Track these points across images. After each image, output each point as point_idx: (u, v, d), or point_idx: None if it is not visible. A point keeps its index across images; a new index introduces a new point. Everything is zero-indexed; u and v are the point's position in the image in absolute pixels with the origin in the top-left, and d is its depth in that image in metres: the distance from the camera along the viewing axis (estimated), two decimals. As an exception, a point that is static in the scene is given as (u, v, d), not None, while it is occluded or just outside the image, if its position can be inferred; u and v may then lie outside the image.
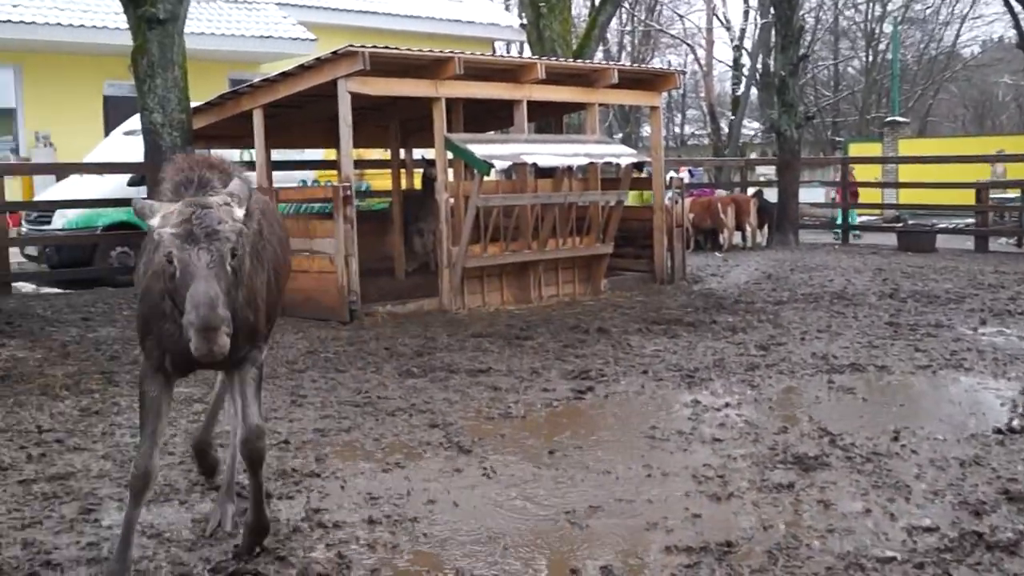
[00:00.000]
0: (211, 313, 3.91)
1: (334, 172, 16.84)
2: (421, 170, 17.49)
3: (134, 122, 17.16)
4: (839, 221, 25.37)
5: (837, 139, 44.46)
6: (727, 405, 8.20)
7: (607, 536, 5.38)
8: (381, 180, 20.20)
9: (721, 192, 25.54)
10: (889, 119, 36.82)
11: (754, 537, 5.24)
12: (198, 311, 3.90)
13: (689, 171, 29.72)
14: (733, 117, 42.19)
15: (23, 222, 19.05)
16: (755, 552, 5.02)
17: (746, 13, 47.62)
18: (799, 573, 4.71)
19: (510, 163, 13.58)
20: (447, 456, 6.81)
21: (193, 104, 14.49)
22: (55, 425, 7.63)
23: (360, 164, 18.03)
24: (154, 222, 4.26)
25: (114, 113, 23.69)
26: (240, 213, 4.34)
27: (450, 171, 14.06)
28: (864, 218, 27.89)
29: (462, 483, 6.29)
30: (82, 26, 23.48)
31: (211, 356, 3.96)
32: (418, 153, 18.98)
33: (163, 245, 4.15)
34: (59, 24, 23.22)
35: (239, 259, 4.32)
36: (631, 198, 17.08)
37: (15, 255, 17.16)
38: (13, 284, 15.94)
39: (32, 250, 18.31)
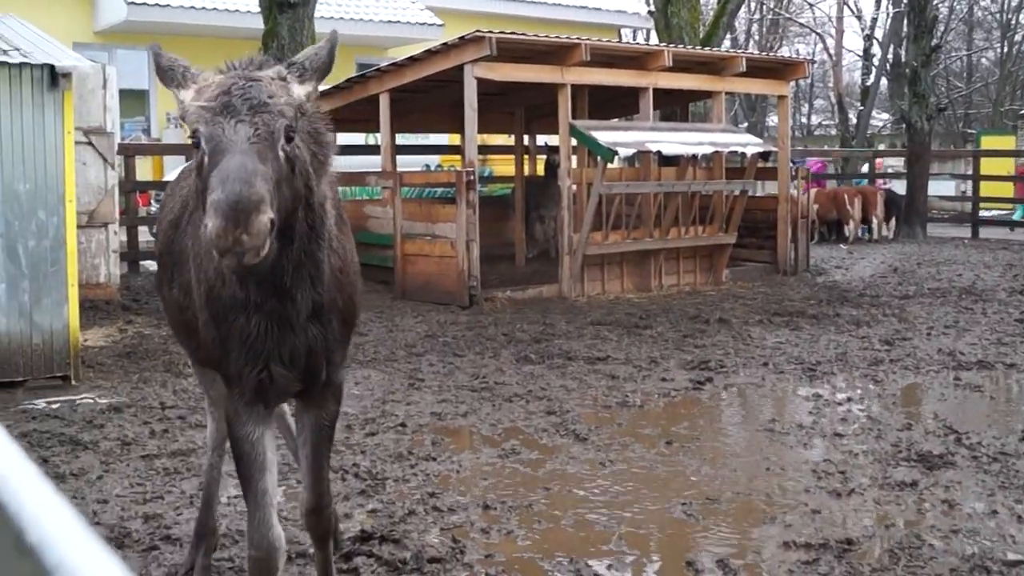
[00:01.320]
0: (244, 187, 2.74)
1: (458, 157, 16.96)
2: (544, 156, 17.52)
3: (264, 104, 17.45)
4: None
5: (969, 131, 43.32)
6: (849, 400, 8.08)
7: (723, 529, 5.34)
8: (504, 166, 20.28)
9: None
10: (1024, 112, 35.81)
11: (875, 535, 5.16)
12: (225, 185, 2.74)
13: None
14: (862, 108, 41.34)
15: (152, 201, 19.53)
16: (876, 551, 4.94)
17: (878, 2, 46.55)
18: (921, 574, 4.62)
19: (634, 151, 13.52)
20: (563, 443, 6.82)
21: (321, 88, 14.70)
22: (178, 402, 7.83)
23: (484, 149, 18.12)
24: (185, 95, 3.18)
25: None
26: (302, 90, 3.26)
27: (573, 158, 14.05)
28: (994, 213, 27.13)
29: (577, 471, 6.29)
30: (215, 9, 23.93)
31: (237, 251, 2.73)
32: (542, 140, 19.01)
33: (189, 121, 3.08)
34: (192, 7, 23.70)
35: (295, 151, 3.13)
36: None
37: (144, 234, 17.57)
38: (141, 262, 16.34)
39: (160, 229, 18.73)
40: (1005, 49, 50.89)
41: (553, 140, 15.51)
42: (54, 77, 7.99)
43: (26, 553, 0.71)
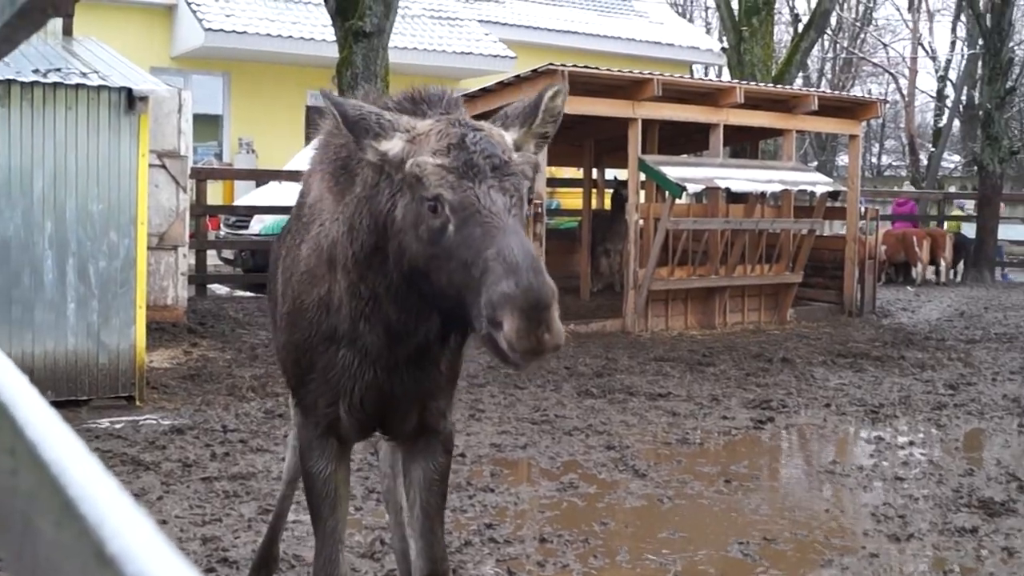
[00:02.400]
0: (540, 280, 2.44)
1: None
2: (612, 190, 17.55)
3: (334, 133, 17.66)
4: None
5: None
6: (911, 444, 8.00)
7: (780, 570, 5.31)
8: (571, 199, 20.33)
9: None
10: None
11: (933, 582, 5.11)
12: (518, 277, 2.43)
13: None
14: (933, 149, 40.96)
15: (222, 225, 19.78)
16: (933, 597, 4.89)
17: (953, 43, 46.16)
18: (978, 622, 4.57)
19: (703, 186, 13.52)
20: (621, 479, 6.82)
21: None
22: (239, 425, 7.91)
23: (552, 182, 18.20)
24: (392, 146, 2.80)
25: (316, 123, 24.41)
26: (532, 152, 2.94)
27: (642, 192, 14.06)
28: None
29: (635, 506, 6.30)
30: (290, 37, 24.26)
31: (540, 351, 2.45)
32: (611, 173, 19.05)
33: (426, 184, 2.67)
34: (268, 35, 24.03)
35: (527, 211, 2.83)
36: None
37: (212, 257, 17.79)
38: (209, 286, 16.56)
39: (228, 253, 18.97)
40: (1082, 92, 50.16)
41: (622, 174, 15.53)
42: (131, 100, 8.15)
43: (107, 564, 0.76)
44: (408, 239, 2.76)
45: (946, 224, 24.93)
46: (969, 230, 23.94)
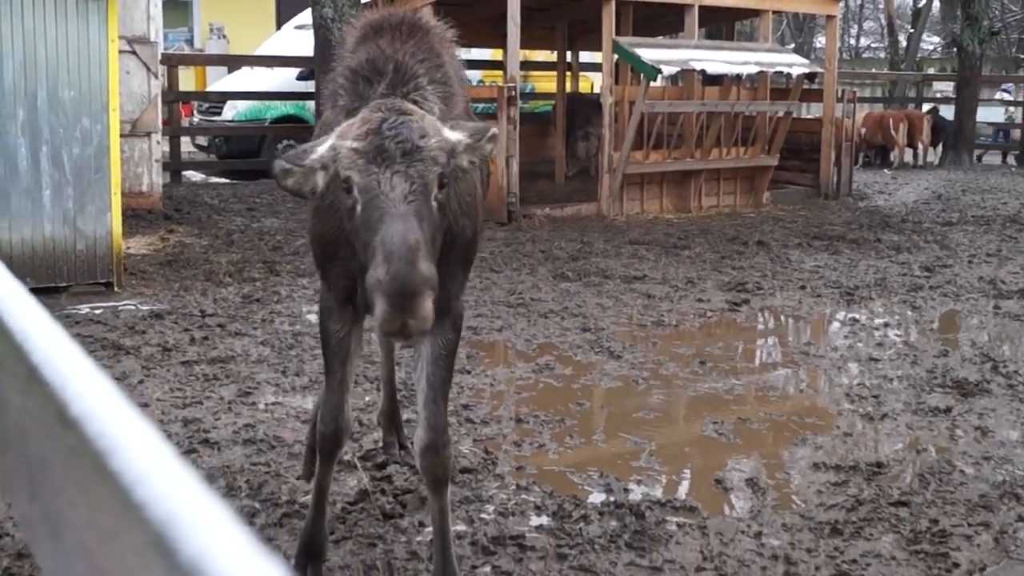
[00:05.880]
0: (408, 269, 2.66)
1: (499, 73, 16.85)
2: (588, 73, 17.37)
3: (305, 16, 17.43)
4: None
5: (1021, 56, 42.54)
6: (886, 325, 8.06)
7: (754, 449, 5.38)
8: (545, 82, 20.14)
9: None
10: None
11: (905, 459, 5.18)
12: (389, 265, 2.65)
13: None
14: (912, 30, 40.62)
15: (195, 112, 19.58)
16: (905, 474, 4.96)
17: (934, -79, 45.59)
18: (950, 499, 4.63)
19: (678, 69, 13.39)
20: (597, 360, 6.86)
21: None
22: (218, 310, 7.91)
23: (526, 65, 18.00)
24: (320, 151, 2.99)
25: (286, 7, 24.03)
26: (454, 136, 3.06)
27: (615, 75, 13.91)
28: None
29: (610, 387, 6.35)
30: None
31: (404, 334, 2.72)
32: (585, 56, 18.84)
33: (341, 165, 2.92)
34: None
35: (446, 193, 3.05)
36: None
37: (186, 144, 17.64)
38: (183, 172, 16.43)
39: (202, 140, 18.80)
40: (1063, -28, 49.72)
41: (596, 57, 15.36)
42: (98, -15, 7.98)
43: (70, 425, 0.74)
44: (341, 214, 3.07)
45: (924, 106, 24.85)
46: (948, 112, 23.85)
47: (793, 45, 45.29)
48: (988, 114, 25.54)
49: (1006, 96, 25.28)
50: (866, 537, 4.22)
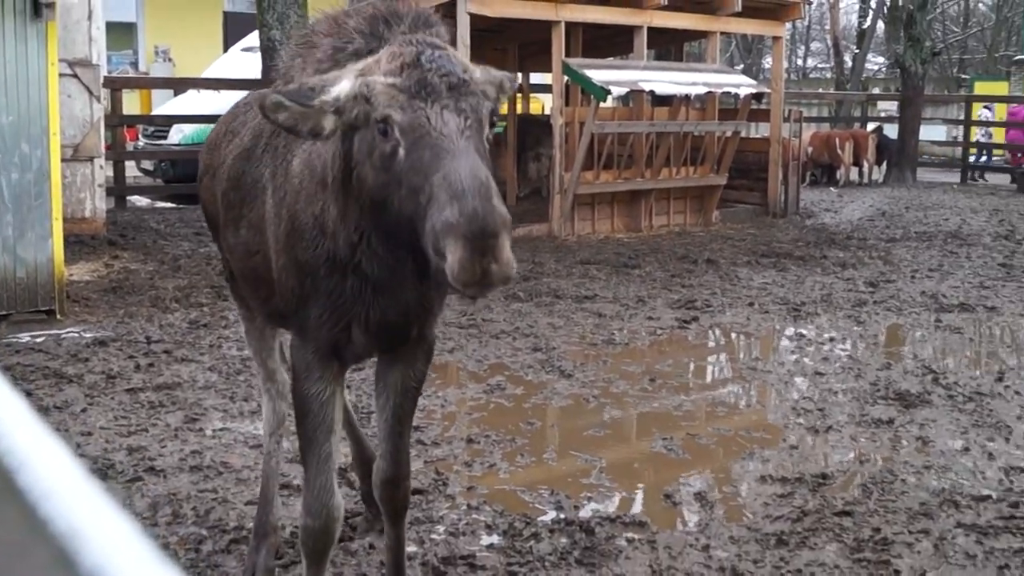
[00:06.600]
0: (487, 206, 2.34)
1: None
2: (539, 95, 17.42)
3: (252, 39, 17.36)
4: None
5: (963, 77, 43.13)
6: (832, 340, 8.14)
7: (703, 464, 5.43)
8: (496, 104, 20.17)
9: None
10: (1018, 58, 35.47)
11: (849, 470, 5.26)
12: (462, 203, 2.32)
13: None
14: (857, 51, 41.12)
15: (140, 136, 19.42)
16: (849, 485, 5.03)
17: (877, -57, 46.25)
18: (892, 507, 4.70)
19: (627, 89, 13.51)
20: (548, 380, 6.87)
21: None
22: (164, 336, 7.83)
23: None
24: (341, 88, 2.62)
25: (233, 29, 23.91)
26: (496, 72, 2.83)
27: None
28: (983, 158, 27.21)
29: (561, 406, 6.37)
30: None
31: (485, 284, 2.36)
32: (535, 78, 18.91)
33: (375, 105, 2.54)
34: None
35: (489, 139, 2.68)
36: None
37: (131, 169, 17.48)
38: (128, 197, 16.29)
39: (148, 164, 18.62)
40: (1002, -6, 50.60)
41: (546, 78, 15.43)
42: (37, 7, 7.89)
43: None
44: (365, 170, 2.64)
45: (869, 126, 25.15)
46: (891, 131, 24.14)
47: (741, 66, 45.74)
48: (930, 133, 25.88)
49: (987, 114, 25.55)
50: (811, 547, 4.28)
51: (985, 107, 26.09)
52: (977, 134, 25.27)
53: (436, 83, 2.50)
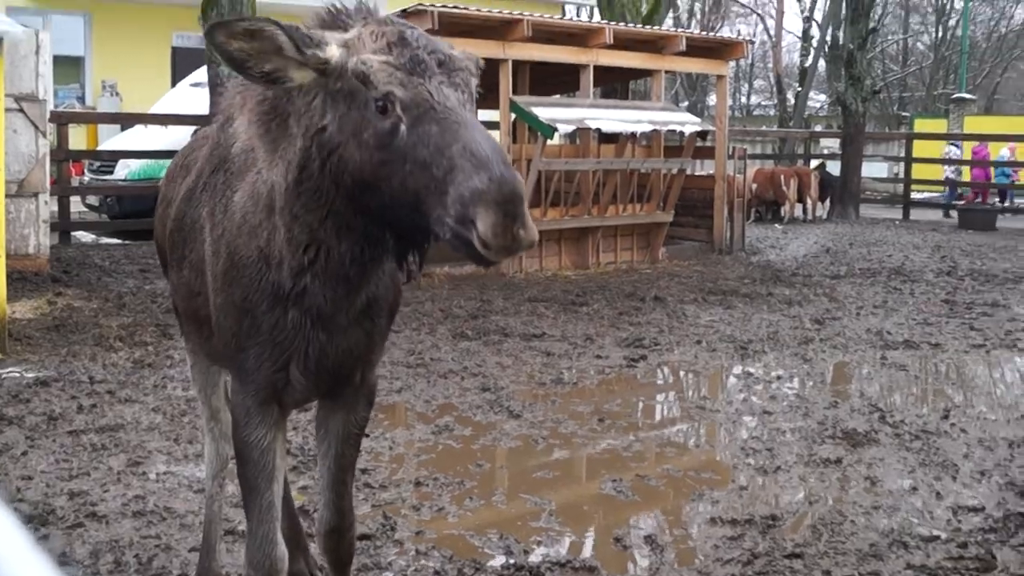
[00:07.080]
0: (512, 171, 2.39)
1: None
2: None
3: (201, 74, 17.28)
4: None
5: (903, 114, 43.84)
6: (779, 378, 8.18)
7: (653, 506, 5.41)
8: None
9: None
10: (956, 96, 36.12)
11: (799, 511, 5.26)
12: (489, 170, 2.36)
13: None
14: (800, 89, 41.70)
15: (86, 171, 19.20)
16: (800, 526, 5.03)
17: (818, -17, 46.92)
18: (842, 548, 4.71)
19: (574, 127, 13.57)
20: (497, 420, 6.84)
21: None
22: (107, 376, 7.70)
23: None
24: (332, 53, 2.61)
25: (182, 65, 23.81)
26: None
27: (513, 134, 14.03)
28: (926, 195, 27.62)
29: (510, 447, 6.34)
30: (154, -25, 23.65)
31: (514, 249, 2.38)
32: (483, 115, 18.93)
33: (374, 82, 2.52)
34: (129, -27, 23.39)
35: None
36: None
37: (76, 204, 17.27)
38: (73, 233, 16.09)
39: (93, 200, 18.41)
40: (939, 33, 51.56)
41: (493, 115, 15.46)
42: (-17, 43, 7.83)
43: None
44: (349, 150, 2.59)
45: (812, 163, 25.46)
46: (834, 168, 24.44)
47: (686, 103, 46.19)
48: (872, 170, 26.24)
49: (954, 151, 25.88)
50: (762, 592, 4.26)
51: (953, 144, 26.48)
52: (946, 171, 25.62)
53: (427, 60, 2.54)
